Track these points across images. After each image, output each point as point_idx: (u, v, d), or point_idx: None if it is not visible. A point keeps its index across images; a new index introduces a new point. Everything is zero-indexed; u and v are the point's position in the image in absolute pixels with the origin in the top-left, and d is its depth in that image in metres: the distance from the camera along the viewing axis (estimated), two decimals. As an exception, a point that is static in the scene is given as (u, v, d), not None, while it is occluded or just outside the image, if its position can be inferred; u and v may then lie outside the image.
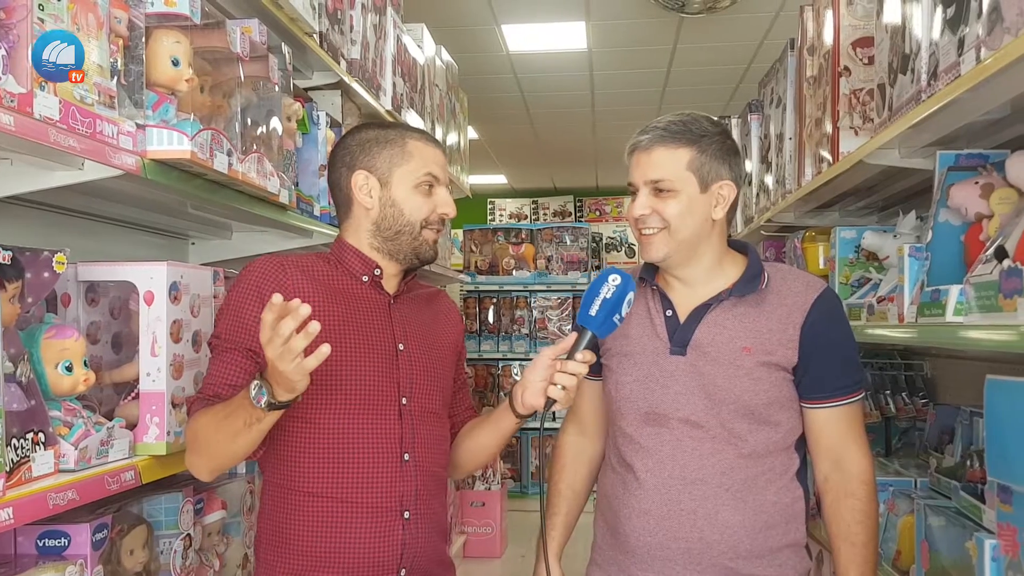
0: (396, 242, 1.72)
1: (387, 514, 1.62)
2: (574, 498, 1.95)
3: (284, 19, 2.34)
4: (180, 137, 1.64)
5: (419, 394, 1.71)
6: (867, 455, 1.75)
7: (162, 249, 2.45)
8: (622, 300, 1.60)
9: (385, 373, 1.67)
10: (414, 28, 4.03)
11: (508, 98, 7.47)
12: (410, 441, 1.67)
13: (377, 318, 1.71)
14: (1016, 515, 1.44)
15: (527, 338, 7.29)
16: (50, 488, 1.36)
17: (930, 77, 1.71)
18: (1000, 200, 1.68)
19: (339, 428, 1.63)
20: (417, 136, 1.76)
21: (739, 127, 4.32)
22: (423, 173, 1.71)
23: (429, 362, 1.74)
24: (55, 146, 1.35)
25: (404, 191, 1.71)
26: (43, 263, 1.46)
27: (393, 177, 1.71)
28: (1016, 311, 1.36)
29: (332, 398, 1.62)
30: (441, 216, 1.73)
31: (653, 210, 1.71)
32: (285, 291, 1.55)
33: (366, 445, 1.63)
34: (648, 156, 1.72)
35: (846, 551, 1.71)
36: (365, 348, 1.66)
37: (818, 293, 1.73)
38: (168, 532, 1.79)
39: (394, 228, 1.71)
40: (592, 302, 1.60)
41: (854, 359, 1.77)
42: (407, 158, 1.72)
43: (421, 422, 1.70)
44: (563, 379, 1.59)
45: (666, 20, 5.62)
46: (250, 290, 1.63)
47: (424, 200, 1.71)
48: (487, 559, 5.40)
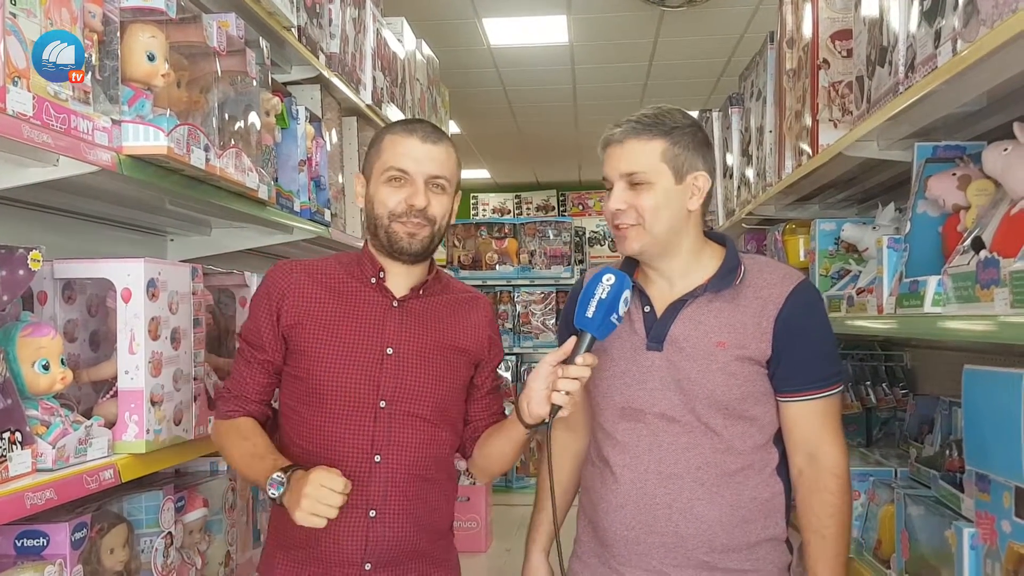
0: (378, 236, 1.75)
1: (352, 510, 1.65)
2: (561, 493, 1.95)
3: (262, 13, 2.32)
4: (156, 132, 1.62)
5: (403, 398, 1.72)
6: (842, 450, 1.74)
7: (140, 246, 2.43)
8: (618, 299, 1.59)
9: (366, 376, 1.71)
10: (394, 22, 4.01)
11: (490, 92, 7.46)
12: (384, 443, 1.70)
13: (371, 321, 1.74)
14: (994, 504, 1.46)
15: (511, 332, 7.29)
16: (27, 488, 1.35)
17: (907, 69, 1.72)
18: (977, 191, 1.69)
19: (316, 426, 1.72)
20: (398, 129, 1.77)
21: (720, 120, 4.32)
22: (388, 166, 1.73)
23: (424, 366, 1.75)
24: (29, 142, 1.34)
25: (375, 186, 1.75)
26: (18, 261, 1.44)
27: (372, 174, 1.77)
28: (993, 301, 1.37)
29: (314, 397, 1.72)
30: (410, 208, 1.71)
31: (629, 204, 1.71)
32: (288, 295, 1.74)
33: (339, 445, 1.70)
34: (621, 149, 1.72)
35: (816, 544, 1.72)
36: (352, 350, 1.72)
37: (794, 285, 1.73)
38: (149, 530, 1.78)
39: (372, 223, 1.76)
40: (588, 304, 1.59)
41: (830, 352, 1.76)
42: (380, 153, 1.76)
43: (401, 425, 1.72)
44: (566, 384, 1.58)
45: (647, 14, 5.63)
46: (262, 294, 1.78)
47: (391, 192, 1.72)
48: (472, 554, 5.41)
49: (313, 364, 1.71)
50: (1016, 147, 1.53)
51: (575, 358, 1.58)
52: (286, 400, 1.78)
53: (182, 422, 1.80)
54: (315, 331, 1.72)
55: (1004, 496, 1.42)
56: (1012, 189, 1.53)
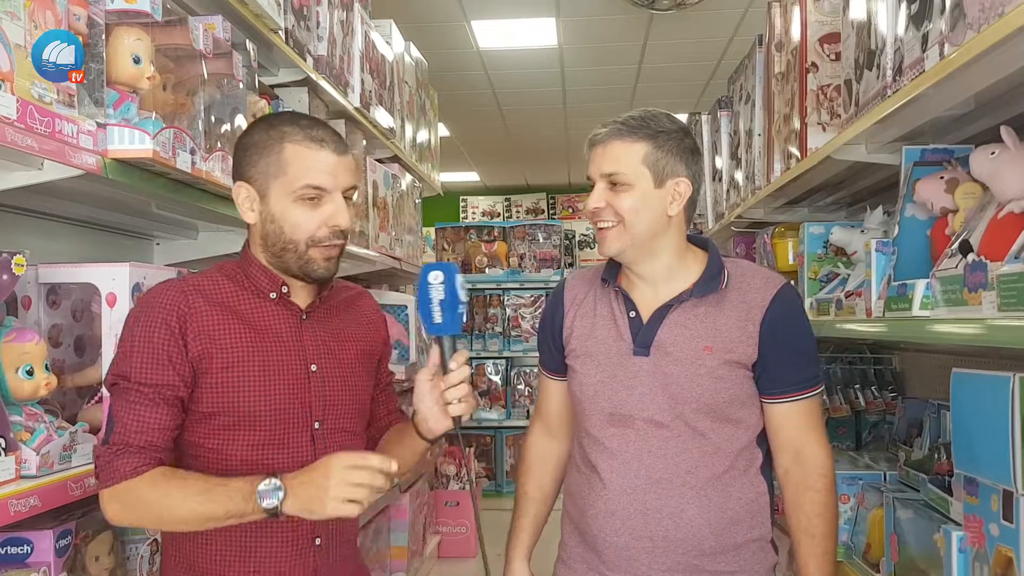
0: (283, 259, 1.55)
1: (297, 543, 1.54)
2: (542, 499, 1.95)
3: (248, 15, 2.31)
4: (142, 136, 1.62)
5: (333, 415, 1.60)
6: (826, 449, 1.76)
7: (126, 250, 2.41)
8: (455, 289, 1.53)
9: (296, 399, 1.55)
10: (382, 24, 4.00)
11: (479, 95, 7.46)
12: None
13: (287, 340, 1.57)
14: (982, 507, 1.46)
15: (501, 336, 7.29)
16: (11, 495, 1.34)
17: (895, 73, 1.72)
18: (965, 195, 1.70)
19: (250, 458, 1.52)
20: (299, 139, 1.51)
21: (709, 123, 4.33)
22: (301, 185, 1.50)
23: (345, 379, 1.63)
24: (12, 146, 1.33)
25: (282, 206, 1.52)
26: (2, 265, 1.43)
27: (271, 189, 1.52)
28: (981, 304, 1.37)
29: (242, 430, 1.52)
30: (333, 230, 1.53)
31: (608, 203, 1.72)
32: (190, 320, 1.49)
33: None
34: (604, 149, 1.72)
35: (806, 543, 1.73)
36: (275, 375, 1.54)
37: (777, 289, 1.75)
38: (135, 537, 1.77)
39: (278, 245, 1.54)
40: (431, 311, 1.53)
41: (812, 354, 1.79)
42: (283, 167, 1.51)
43: (336, 444, 1.57)
44: (454, 393, 1.54)
45: (636, 16, 5.63)
46: (157, 324, 1.48)
47: (306, 215, 1.51)
48: (462, 559, 5.38)
49: (232, 395, 1.50)
50: (1003, 150, 1.54)
51: (447, 365, 1.54)
52: (191, 439, 1.52)
53: (168, 427, 1.79)
54: (228, 360, 1.50)
55: (992, 499, 1.42)
56: (999, 192, 1.54)
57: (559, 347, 1.85)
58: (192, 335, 1.49)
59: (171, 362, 1.47)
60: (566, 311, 1.85)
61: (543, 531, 1.97)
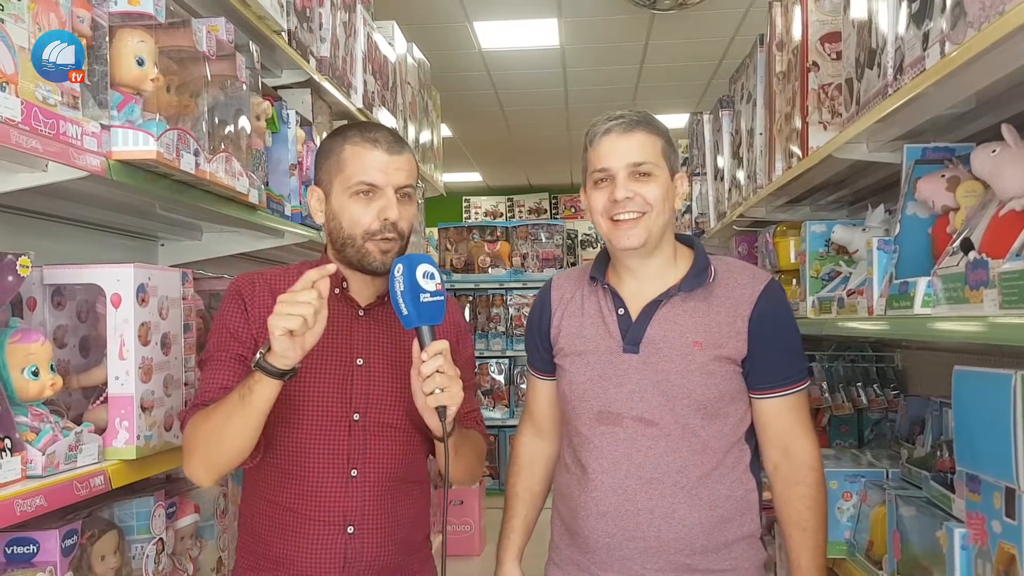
0: (345, 253, 1.68)
1: (330, 527, 1.64)
2: (532, 500, 1.95)
3: (251, 17, 2.32)
4: (146, 137, 1.62)
5: (376, 409, 1.67)
6: (814, 443, 1.78)
7: (131, 251, 2.42)
8: (414, 279, 1.52)
9: (338, 389, 1.66)
10: (384, 25, 4.01)
11: (481, 96, 7.47)
12: (360, 457, 1.66)
13: (339, 332, 1.67)
14: (984, 504, 1.46)
15: (504, 336, 7.29)
16: (17, 495, 1.34)
17: (896, 71, 1.72)
18: (966, 193, 1.70)
19: (291, 444, 1.66)
20: (357, 140, 1.67)
21: (711, 123, 4.33)
22: (356, 181, 1.64)
23: (395, 375, 1.69)
24: (17, 148, 1.33)
25: (340, 202, 1.66)
26: (7, 266, 1.44)
27: (333, 188, 1.68)
28: (982, 302, 1.37)
29: (286, 414, 1.63)
30: (384, 224, 1.64)
31: (636, 193, 1.71)
32: (251, 306, 1.67)
33: (313, 461, 1.65)
34: (629, 139, 1.72)
35: (797, 537, 1.74)
36: (320, 364, 1.65)
37: (764, 285, 1.76)
38: (140, 537, 1.78)
39: (340, 240, 1.68)
40: (399, 304, 1.53)
41: (799, 349, 1.80)
42: (342, 166, 1.66)
43: (376, 437, 1.67)
44: (431, 384, 1.52)
45: (638, 17, 5.64)
46: (229, 304, 1.69)
47: (361, 210, 1.64)
48: (466, 557, 5.38)
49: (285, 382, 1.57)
50: (1004, 149, 1.54)
51: (423, 354, 1.53)
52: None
53: (173, 428, 1.79)
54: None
55: (994, 496, 1.42)
56: (1000, 190, 1.54)
57: (547, 347, 1.86)
58: (252, 319, 1.66)
59: (238, 329, 1.66)
60: (553, 311, 1.86)
61: (532, 532, 1.98)
